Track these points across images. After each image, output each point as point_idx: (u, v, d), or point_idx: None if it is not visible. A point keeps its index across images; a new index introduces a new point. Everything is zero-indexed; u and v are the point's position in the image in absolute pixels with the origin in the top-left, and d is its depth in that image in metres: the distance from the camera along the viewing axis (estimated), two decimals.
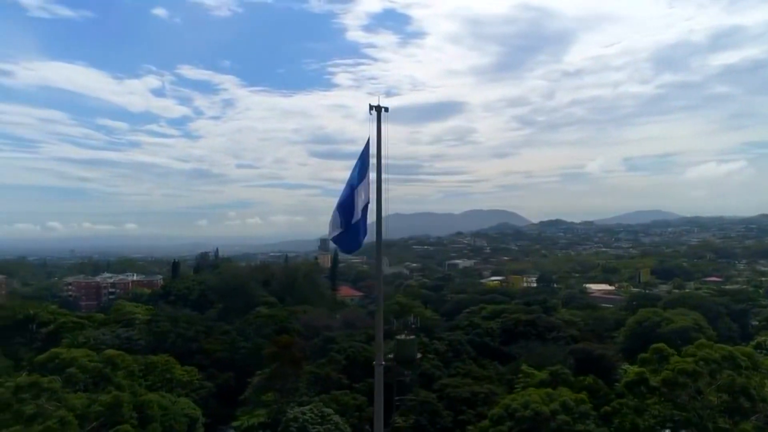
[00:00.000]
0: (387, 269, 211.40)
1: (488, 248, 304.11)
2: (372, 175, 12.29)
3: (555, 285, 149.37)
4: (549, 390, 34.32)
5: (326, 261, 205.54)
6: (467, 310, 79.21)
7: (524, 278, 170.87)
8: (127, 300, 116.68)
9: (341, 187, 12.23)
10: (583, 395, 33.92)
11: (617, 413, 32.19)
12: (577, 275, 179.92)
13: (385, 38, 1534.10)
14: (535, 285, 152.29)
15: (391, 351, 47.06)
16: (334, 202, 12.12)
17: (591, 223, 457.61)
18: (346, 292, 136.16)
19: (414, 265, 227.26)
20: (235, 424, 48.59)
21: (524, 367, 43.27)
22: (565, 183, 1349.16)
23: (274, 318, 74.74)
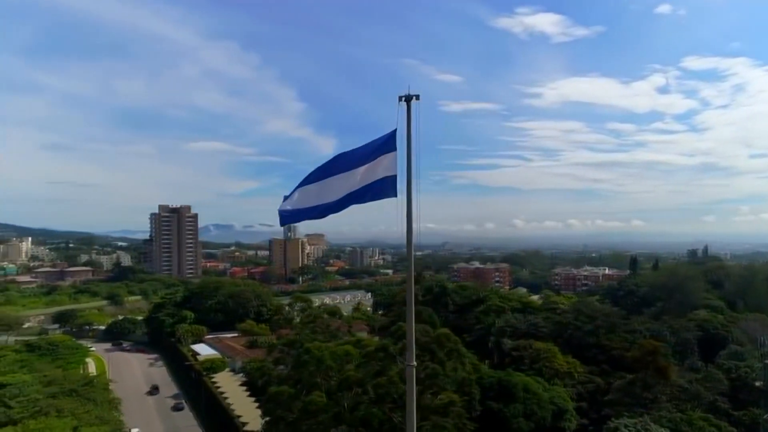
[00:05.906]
0: None
1: None
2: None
3: None
4: None
5: None
6: None
7: None
8: (588, 291, 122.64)
9: None
10: None
11: None
12: None
13: None
14: None
15: (757, 377, 36.03)
16: None
17: None
18: None
19: None
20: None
21: None
22: None
23: (707, 323, 65.93)
